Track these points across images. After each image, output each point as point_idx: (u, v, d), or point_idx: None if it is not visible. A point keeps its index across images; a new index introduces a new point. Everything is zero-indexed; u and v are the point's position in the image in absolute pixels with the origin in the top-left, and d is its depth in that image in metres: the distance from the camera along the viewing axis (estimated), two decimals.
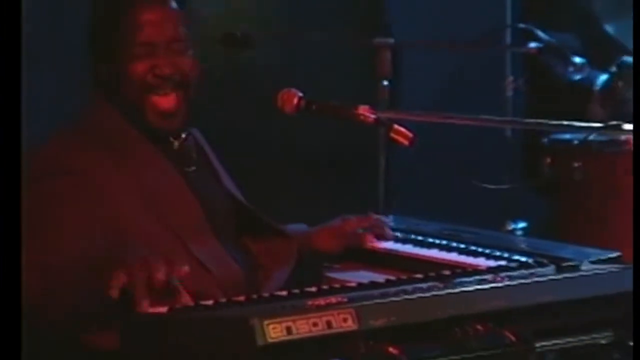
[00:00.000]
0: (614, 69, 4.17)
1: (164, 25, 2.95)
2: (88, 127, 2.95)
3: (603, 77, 4.19)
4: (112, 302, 2.47)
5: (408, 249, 3.07)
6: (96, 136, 2.92)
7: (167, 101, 2.94)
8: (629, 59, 4.20)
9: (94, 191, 2.80)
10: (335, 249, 3.17)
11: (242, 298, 2.53)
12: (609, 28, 3.79)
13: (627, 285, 2.74)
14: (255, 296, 2.57)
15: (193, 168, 3.03)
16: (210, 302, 2.47)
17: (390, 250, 3.09)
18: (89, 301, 2.55)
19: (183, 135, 3.03)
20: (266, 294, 2.62)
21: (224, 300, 2.51)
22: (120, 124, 2.96)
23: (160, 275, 2.43)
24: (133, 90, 2.93)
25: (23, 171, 2.85)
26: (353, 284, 2.63)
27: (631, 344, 2.72)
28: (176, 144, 3.01)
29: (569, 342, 2.69)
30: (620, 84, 4.15)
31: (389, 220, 3.30)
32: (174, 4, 2.97)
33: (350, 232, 3.18)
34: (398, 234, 3.19)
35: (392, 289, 2.56)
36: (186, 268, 2.50)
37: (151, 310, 2.45)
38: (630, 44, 3.84)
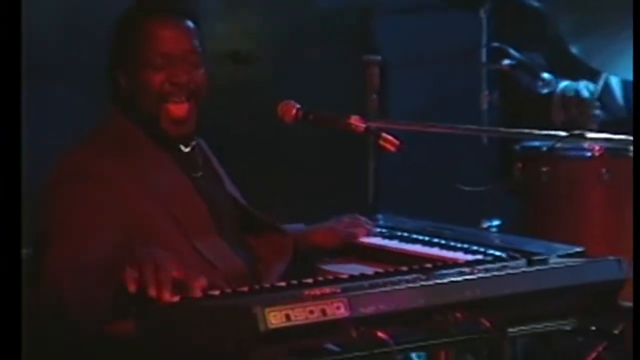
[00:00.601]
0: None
1: (180, 39, 2.94)
2: (106, 136, 2.94)
3: (564, 83, 4.20)
4: (131, 294, 2.47)
5: (394, 244, 3.07)
6: (113, 144, 2.91)
7: (181, 109, 2.92)
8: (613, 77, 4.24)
9: (111, 195, 2.79)
10: (330, 245, 3.16)
11: (245, 289, 2.53)
12: (573, 48, 3.78)
13: (590, 277, 2.74)
14: (257, 287, 2.57)
15: (200, 173, 3.02)
16: (217, 292, 2.47)
17: (379, 245, 3.08)
18: (112, 295, 2.55)
19: (192, 143, 3.03)
20: (267, 285, 2.62)
21: (229, 290, 2.51)
22: (134, 133, 2.95)
23: (166, 269, 2.44)
24: (150, 97, 2.92)
25: (50, 174, 2.85)
26: (345, 276, 2.64)
27: (593, 328, 2.74)
28: (185, 150, 3.01)
29: (538, 327, 2.70)
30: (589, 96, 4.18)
31: (378, 218, 3.31)
32: (189, 22, 2.97)
33: (343, 230, 3.19)
34: (385, 231, 3.18)
35: (381, 280, 2.57)
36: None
37: (163, 300, 2.44)
38: (594, 63, 3.84)
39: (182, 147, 3.00)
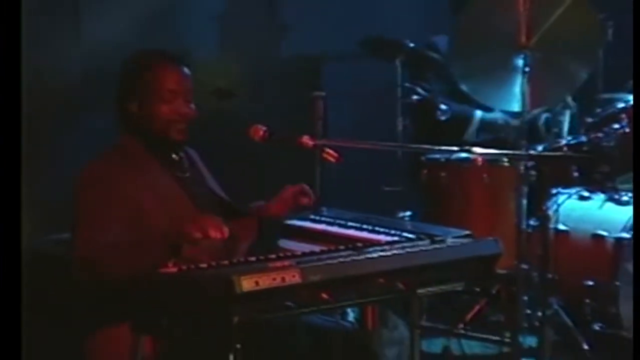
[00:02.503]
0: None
1: (183, 80, 2.91)
2: (117, 151, 2.90)
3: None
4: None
5: (335, 229, 3.02)
6: (123, 158, 2.87)
7: (181, 132, 2.91)
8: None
9: (119, 195, 2.76)
10: (283, 212, 3.09)
11: (225, 262, 2.50)
12: (462, 86, 3.79)
13: (475, 252, 2.74)
14: (234, 261, 2.54)
15: (187, 174, 2.98)
16: (204, 265, 2.46)
17: (324, 230, 3.03)
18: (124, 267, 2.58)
19: (181, 153, 2.99)
20: (242, 259, 2.58)
21: (213, 264, 2.48)
22: (138, 148, 2.90)
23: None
24: (157, 124, 2.88)
25: (78, 180, 2.78)
26: (299, 253, 2.62)
27: (477, 289, 2.75)
28: (177, 158, 2.97)
29: (437, 289, 2.72)
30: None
31: (323, 210, 3.27)
32: (186, 69, 2.93)
33: (291, 195, 3.11)
34: (329, 220, 3.10)
35: (325, 256, 2.55)
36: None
37: (163, 270, 2.44)
38: (478, 97, 3.85)
39: (174, 156, 2.97)
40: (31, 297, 3.20)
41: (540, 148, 3.97)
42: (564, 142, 4.10)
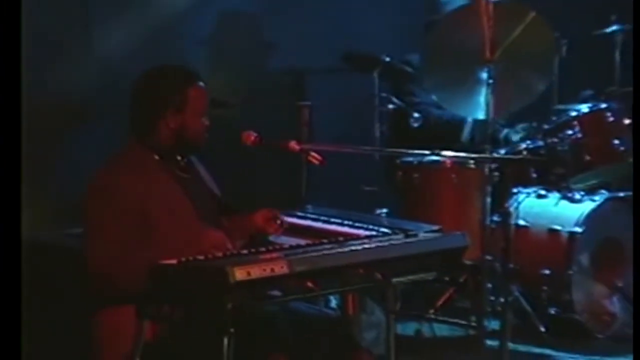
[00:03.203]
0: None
1: (207, 97, 2.88)
2: (127, 157, 2.84)
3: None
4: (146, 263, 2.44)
5: (319, 224, 3.02)
6: (132, 163, 2.81)
7: (205, 141, 2.89)
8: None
9: (126, 199, 2.70)
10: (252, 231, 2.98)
11: (220, 254, 2.50)
12: (434, 97, 3.80)
13: (445, 244, 2.74)
14: (228, 253, 2.54)
15: (189, 176, 2.91)
16: (202, 257, 2.45)
17: (309, 225, 3.03)
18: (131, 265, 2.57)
19: (185, 159, 2.93)
20: (235, 252, 2.59)
21: (210, 256, 2.48)
22: (148, 153, 2.84)
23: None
24: (193, 134, 2.83)
25: (88, 186, 2.72)
26: (287, 246, 2.62)
27: (447, 278, 2.75)
28: (181, 162, 2.90)
29: (411, 278, 2.72)
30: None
31: (308, 208, 3.26)
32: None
33: (260, 226, 2.97)
34: (313, 216, 3.10)
35: (310, 249, 2.55)
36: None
37: (164, 262, 2.41)
38: (447, 106, 3.84)
39: (180, 161, 2.91)
40: (44, 284, 3.23)
41: (502, 152, 3.98)
42: (523, 146, 4.12)
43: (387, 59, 4.14)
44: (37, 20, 3.58)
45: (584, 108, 4.20)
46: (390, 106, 4.08)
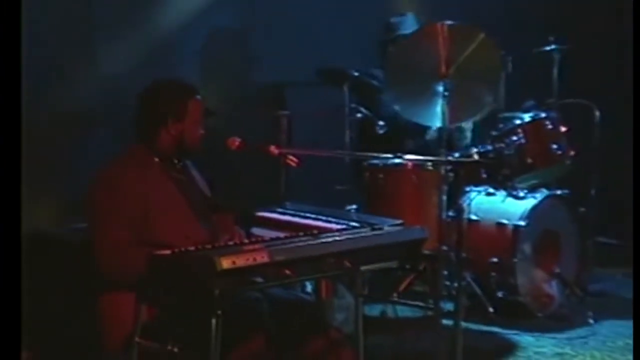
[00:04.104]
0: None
1: (202, 107, 2.86)
2: (129, 158, 2.82)
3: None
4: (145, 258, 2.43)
5: (296, 219, 2.99)
6: (134, 163, 2.79)
7: (201, 148, 2.88)
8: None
9: (128, 197, 2.68)
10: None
11: (209, 246, 2.49)
12: (395, 107, 3.80)
13: (406, 236, 2.75)
14: (216, 245, 2.54)
15: (183, 177, 2.91)
16: (192, 248, 2.43)
17: (287, 220, 3.01)
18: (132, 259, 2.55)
19: (181, 162, 2.93)
20: (222, 244, 2.59)
21: (200, 247, 2.46)
22: (147, 158, 2.82)
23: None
24: (191, 142, 2.83)
25: (91, 184, 2.68)
26: (267, 238, 2.60)
27: (407, 266, 2.74)
28: (178, 165, 2.90)
29: (376, 266, 2.72)
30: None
31: (287, 204, 3.21)
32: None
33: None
34: (291, 212, 3.07)
35: (288, 240, 2.54)
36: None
37: (160, 253, 2.39)
38: (407, 115, 3.84)
39: (176, 164, 2.90)
40: (52, 272, 3.20)
41: (456, 155, 3.99)
42: (475, 150, 4.14)
43: (356, 74, 4.15)
44: (46, 45, 3.56)
45: (527, 117, 4.22)
46: (359, 115, 4.08)
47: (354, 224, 2.81)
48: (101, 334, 2.72)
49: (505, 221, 4.14)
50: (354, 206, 3.99)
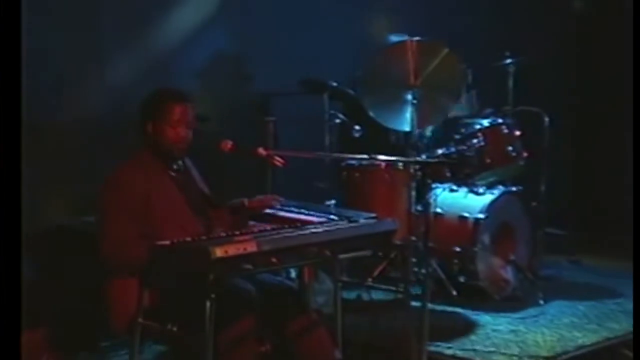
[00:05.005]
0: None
1: (186, 112, 2.81)
2: (136, 160, 2.79)
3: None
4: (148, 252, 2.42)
5: (282, 213, 3.00)
6: (140, 164, 2.77)
7: (181, 151, 2.84)
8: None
9: (134, 195, 2.67)
10: (259, 209, 2.98)
11: (204, 237, 2.48)
12: (370, 113, 3.79)
13: (379, 228, 2.75)
14: (210, 236, 2.52)
15: (183, 176, 2.89)
16: (189, 239, 2.42)
17: (274, 213, 3.02)
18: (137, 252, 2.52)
19: (180, 162, 2.91)
20: (215, 235, 2.57)
21: (196, 238, 2.46)
22: (152, 158, 2.80)
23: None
24: (164, 142, 2.78)
25: (103, 185, 2.69)
26: (256, 230, 2.60)
27: (380, 254, 2.75)
28: (177, 164, 2.88)
29: (353, 254, 2.73)
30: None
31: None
32: (189, 104, 2.84)
33: (265, 201, 3.01)
34: (279, 206, 3.06)
35: (274, 232, 2.54)
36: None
37: (160, 243, 2.38)
38: (381, 120, 3.83)
39: (176, 164, 2.88)
40: (66, 260, 3.19)
41: (424, 156, 3.99)
42: (440, 152, 4.15)
43: (334, 84, 4.15)
44: (57, 60, 3.54)
45: (486, 122, 4.24)
46: (337, 121, 4.07)
47: (333, 217, 2.81)
48: (107, 316, 2.69)
49: (466, 214, 4.16)
50: (333, 201, 3.97)
